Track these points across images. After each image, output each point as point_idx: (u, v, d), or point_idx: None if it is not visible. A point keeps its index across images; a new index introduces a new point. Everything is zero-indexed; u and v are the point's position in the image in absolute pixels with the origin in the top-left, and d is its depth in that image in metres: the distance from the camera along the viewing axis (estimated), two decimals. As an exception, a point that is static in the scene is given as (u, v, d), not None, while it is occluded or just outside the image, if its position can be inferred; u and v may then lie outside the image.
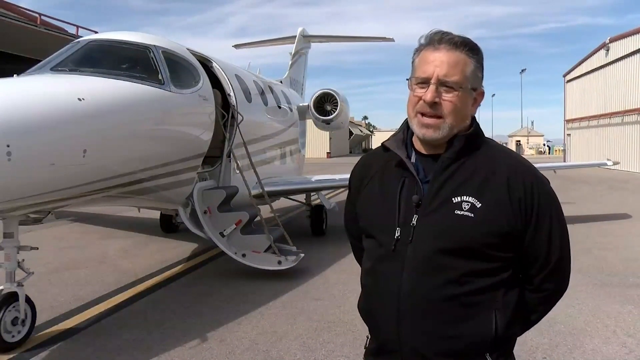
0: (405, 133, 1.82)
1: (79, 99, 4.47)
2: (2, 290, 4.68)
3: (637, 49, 28.24)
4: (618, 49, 30.90)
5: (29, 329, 4.81)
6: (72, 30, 19.44)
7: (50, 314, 5.57)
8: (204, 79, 7.07)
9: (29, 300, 4.83)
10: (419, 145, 1.79)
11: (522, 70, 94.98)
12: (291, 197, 11.53)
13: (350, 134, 76.86)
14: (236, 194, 7.74)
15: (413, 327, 1.67)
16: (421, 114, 1.69)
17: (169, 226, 10.62)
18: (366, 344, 1.88)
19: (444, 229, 1.65)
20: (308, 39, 16.67)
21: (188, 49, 7.37)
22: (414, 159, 1.78)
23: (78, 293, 6.40)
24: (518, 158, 1.78)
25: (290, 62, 15.33)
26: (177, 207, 7.06)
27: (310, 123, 13.36)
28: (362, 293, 1.88)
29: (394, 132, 1.90)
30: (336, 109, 12.10)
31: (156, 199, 6.56)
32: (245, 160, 7.93)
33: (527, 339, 4.65)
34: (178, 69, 6.59)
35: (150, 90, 5.71)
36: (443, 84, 1.66)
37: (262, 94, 10.12)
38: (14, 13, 18.45)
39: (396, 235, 1.70)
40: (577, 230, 10.34)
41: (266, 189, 8.10)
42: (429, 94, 1.66)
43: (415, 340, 1.67)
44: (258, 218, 7.58)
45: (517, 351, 1.84)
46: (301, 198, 11.62)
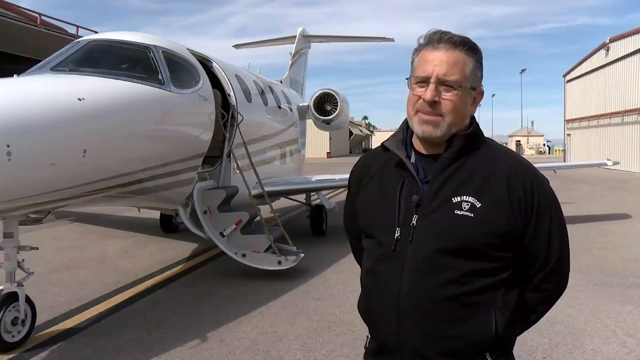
0: (404, 133, 1.82)
1: (79, 99, 4.47)
2: (2, 290, 4.68)
3: (637, 49, 28.24)
4: (618, 49, 30.90)
5: (29, 329, 4.81)
6: (72, 30, 19.46)
7: (50, 314, 5.57)
8: (204, 79, 7.07)
9: (29, 300, 4.83)
10: (418, 145, 1.79)
11: (522, 70, 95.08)
12: (291, 197, 11.54)
13: (350, 134, 76.86)
14: (236, 194, 7.74)
15: (413, 327, 1.67)
16: (421, 113, 1.70)
17: (169, 226, 10.62)
18: (366, 344, 1.88)
19: (444, 229, 1.65)
20: (308, 39, 16.66)
21: (188, 49, 7.37)
22: (413, 159, 1.78)
23: (78, 293, 6.40)
24: (518, 158, 1.78)
25: (290, 62, 15.33)
26: (177, 207, 7.07)
27: (310, 123, 13.36)
28: (362, 293, 1.88)
29: (393, 132, 1.90)
30: (336, 109, 12.10)
31: (156, 199, 6.56)
32: (245, 160, 7.94)
33: (527, 339, 4.65)
34: (178, 69, 6.59)
35: (150, 90, 5.71)
36: (442, 83, 1.66)
37: (262, 94, 10.12)
38: (14, 13, 18.45)
39: (396, 235, 1.70)
40: (577, 230, 10.34)
41: (266, 189, 8.11)
42: (428, 92, 1.66)
43: (415, 340, 1.67)
44: (258, 218, 7.58)
45: (517, 351, 1.84)
46: (301, 198, 11.62)
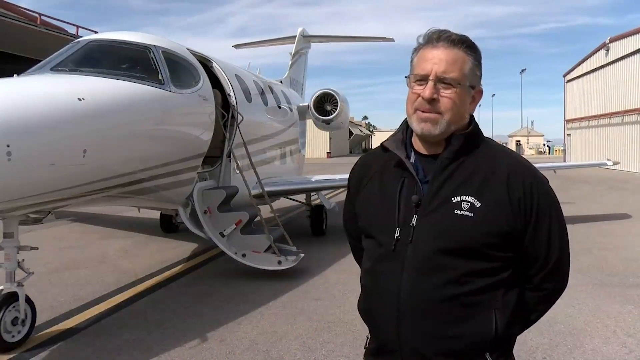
0: (404, 133, 1.82)
1: (79, 99, 4.47)
2: (2, 290, 4.68)
3: (637, 49, 28.24)
4: (618, 49, 30.90)
5: (29, 329, 4.81)
6: (72, 30, 19.47)
7: (50, 314, 5.57)
8: (204, 79, 7.07)
9: (29, 300, 4.83)
10: (418, 145, 1.79)
11: (522, 70, 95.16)
12: (291, 197, 11.54)
13: (350, 134, 76.86)
14: (236, 194, 7.74)
15: (413, 327, 1.67)
16: (420, 111, 1.70)
17: (169, 226, 10.62)
18: (366, 344, 1.88)
19: (444, 229, 1.65)
20: (308, 39, 16.66)
21: (188, 49, 7.37)
22: (413, 159, 1.78)
23: (78, 293, 6.40)
24: (518, 158, 1.78)
25: (290, 62, 15.33)
26: (177, 207, 7.07)
27: (310, 123, 13.36)
28: (362, 293, 1.88)
29: (393, 132, 1.90)
30: (336, 109, 12.10)
31: (156, 199, 6.56)
32: (245, 160, 7.93)
33: (527, 339, 4.65)
34: (178, 69, 6.59)
35: (150, 90, 5.71)
36: (441, 81, 1.67)
37: (262, 94, 10.12)
38: (14, 13, 18.45)
39: (396, 235, 1.70)
40: (577, 230, 10.34)
41: (266, 189, 8.11)
42: (427, 90, 1.67)
43: (415, 340, 1.67)
44: (258, 218, 7.58)
45: (517, 351, 1.84)
46: (301, 198, 11.62)
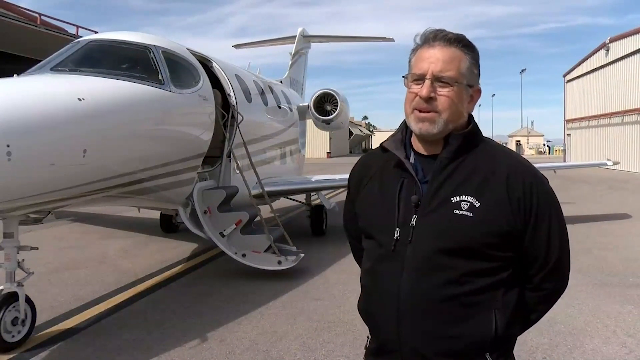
0: (403, 134, 1.82)
1: (79, 99, 4.47)
2: (2, 290, 4.68)
3: (637, 49, 28.24)
4: (618, 49, 30.90)
5: (29, 329, 4.81)
6: (72, 30, 19.47)
7: (50, 314, 5.57)
8: (204, 79, 7.07)
9: (29, 300, 4.83)
10: (417, 145, 1.79)
11: (522, 70, 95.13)
12: (291, 197, 11.54)
13: (350, 134, 76.86)
14: (236, 194, 7.74)
15: (413, 327, 1.67)
16: (418, 110, 1.70)
17: (169, 226, 10.62)
18: (366, 344, 1.88)
19: (444, 229, 1.65)
20: (308, 39, 16.66)
21: (188, 49, 7.37)
22: (412, 159, 1.78)
23: (78, 293, 6.40)
24: (518, 158, 1.78)
25: (290, 62, 15.33)
26: (177, 207, 7.07)
27: (310, 123, 13.36)
28: (362, 293, 1.88)
29: (392, 133, 1.90)
30: (336, 109, 12.10)
31: (156, 199, 6.56)
32: (245, 160, 7.94)
33: (527, 339, 4.65)
34: (178, 69, 6.59)
35: (150, 90, 5.71)
36: (438, 80, 1.67)
37: (262, 94, 10.12)
38: (14, 13, 18.45)
39: (396, 235, 1.70)
40: (577, 230, 10.34)
41: (266, 189, 8.11)
42: (424, 89, 1.67)
43: (415, 340, 1.67)
44: (258, 218, 7.58)
45: (517, 351, 1.83)
46: (301, 198, 11.62)
